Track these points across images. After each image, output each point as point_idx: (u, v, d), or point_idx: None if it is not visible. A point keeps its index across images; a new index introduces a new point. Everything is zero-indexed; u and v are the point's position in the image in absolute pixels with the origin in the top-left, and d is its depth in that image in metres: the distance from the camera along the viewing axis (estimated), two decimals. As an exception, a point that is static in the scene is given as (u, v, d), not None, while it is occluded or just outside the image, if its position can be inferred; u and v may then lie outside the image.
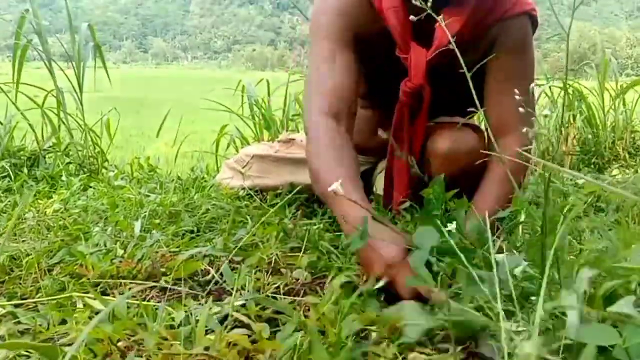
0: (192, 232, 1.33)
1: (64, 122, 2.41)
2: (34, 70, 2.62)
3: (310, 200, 1.70)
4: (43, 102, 2.42)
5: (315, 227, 1.39)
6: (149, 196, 1.65)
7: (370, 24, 1.42)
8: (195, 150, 5.25)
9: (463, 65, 1.03)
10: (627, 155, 3.07)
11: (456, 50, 1.03)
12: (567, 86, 3.27)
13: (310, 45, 1.46)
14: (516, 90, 1.09)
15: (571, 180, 2.05)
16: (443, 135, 1.42)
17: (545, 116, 3.00)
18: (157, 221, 1.37)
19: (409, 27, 1.37)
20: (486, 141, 1.46)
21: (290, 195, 1.45)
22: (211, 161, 2.89)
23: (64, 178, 2.04)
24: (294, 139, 1.97)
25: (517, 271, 0.73)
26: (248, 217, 1.39)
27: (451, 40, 1.05)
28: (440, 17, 1.15)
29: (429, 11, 1.08)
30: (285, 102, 2.87)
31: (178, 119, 3.28)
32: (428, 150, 1.45)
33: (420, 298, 0.92)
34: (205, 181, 1.93)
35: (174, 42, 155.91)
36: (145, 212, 1.42)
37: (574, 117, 3.27)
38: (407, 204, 1.35)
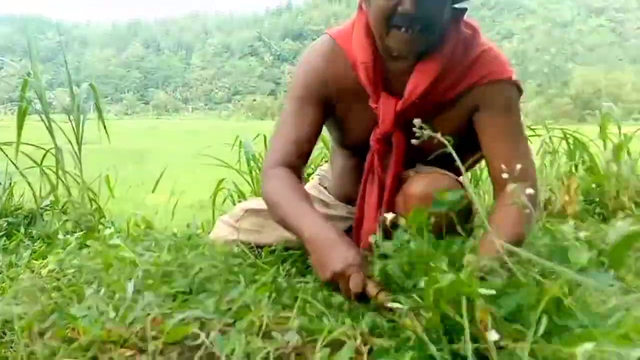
0: (184, 292, 1.33)
1: (62, 180, 2.44)
2: (35, 123, 2.66)
3: (305, 256, 1.71)
4: (42, 161, 2.46)
5: (308, 284, 1.40)
6: (143, 255, 1.66)
7: (346, 77, 1.54)
8: (192, 205, 5.29)
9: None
10: (633, 205, 3.01)
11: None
12: (567, 136, 3.29)
13: (286, 99, 1.62)
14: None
15: (573, 233, 2.04)
16: (419, 178, 1.49)
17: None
18: (150, 282, 1.37)
19: (380, 80, 1.49)
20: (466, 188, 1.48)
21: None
22: (209, 212, 2.92)
23: (60, 236, 2.05)
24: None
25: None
26: (241, 276, 1.39)
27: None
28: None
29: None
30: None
31: (178, 169, 3.32)
32: (405, 193, 1.50)
33: (363, 297, 1.16)
34: (201, 238, 1.94)
35: (175, 94, 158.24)
36: (139, 272, 1.43)
37: (576, 167, 3.28)
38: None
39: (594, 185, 3.17)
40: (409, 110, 1.48)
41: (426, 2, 1.34)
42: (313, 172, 2.74)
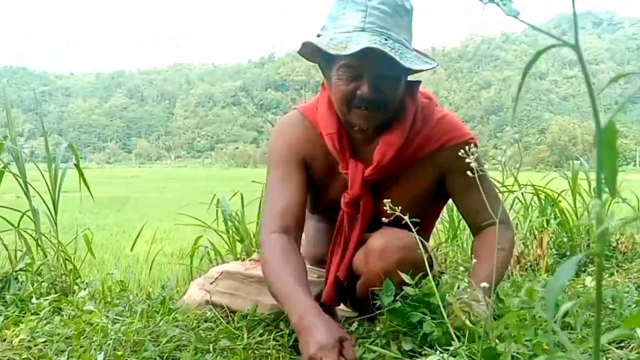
0: (155, 362, 1.34)
1: (38, 243, 2.44)
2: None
3: (277, 320, 1.72)
4: (18, 223, 2.46)
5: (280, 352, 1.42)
6: (117, 321, 1.66)
7: (316, 144, 1.67)
8: (173, 253, 5.26)
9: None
10: (602, 258, 3.07)
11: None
12: (539, 192, 3.37)
13: (268, 171, 1.72)
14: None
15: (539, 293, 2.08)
16: (378, 234, 1.57)
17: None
18: (120, 352, 1.38)
19: (347, 148, 1.62)
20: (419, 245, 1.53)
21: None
22: (188, 261, 2.94)
23: (34, 300, 2.04)
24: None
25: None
26: (211, 346, 1.40)
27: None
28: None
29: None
30: (259, 215, 2.94)
31: (159, 217, 3.33)
32: (366, 247, 1.59)
33: None
34: (174, 300, 1.96)
35: (157, 143, 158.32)
36: (110, 341, 1.44)
37: (548, 221, 3.34)
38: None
39: (565, 239, 3.24)
40: (376, 175, 1.61)
41: (381, 86, 1.50)
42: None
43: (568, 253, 3.18)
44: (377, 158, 1.59)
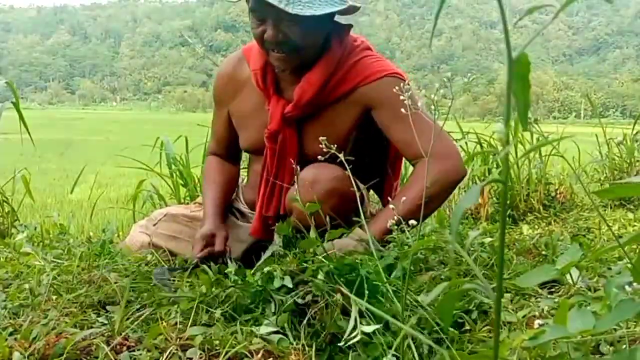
0: (93, 305, 1.33)
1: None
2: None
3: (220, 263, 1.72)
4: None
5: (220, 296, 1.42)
6: (55, 263, 1.63)
7: (248, 82, 1.73)
8: (118, 198, 5.17)
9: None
10: (541, 207, 3.14)
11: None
12: (483, 142, 3.44)
13: None
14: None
15: (477, 240, 2.13)
16: (310, 167, 1.60)
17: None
18: (55, 296, 1.36)
19: (271, 84, 1.67)
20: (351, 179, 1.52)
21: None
22: (132, 205, 2.90)
23: (-32, 243, 1.98)
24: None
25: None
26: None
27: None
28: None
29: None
30: (204, 159, 2.91)
31: (103, 161, 3.24)
32: (298, 181, 1.59)
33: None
34: (115, 244, 1.93)
35: (102, 84, 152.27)
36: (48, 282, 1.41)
37: (490, 170, 3.41)
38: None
39: (506, 188, 3.31)
40: (295, 112, 1.65)
41: (286, 30, 1.51)
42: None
43: (508, 202, 3.26)
44: (297, 97, 1.63)
